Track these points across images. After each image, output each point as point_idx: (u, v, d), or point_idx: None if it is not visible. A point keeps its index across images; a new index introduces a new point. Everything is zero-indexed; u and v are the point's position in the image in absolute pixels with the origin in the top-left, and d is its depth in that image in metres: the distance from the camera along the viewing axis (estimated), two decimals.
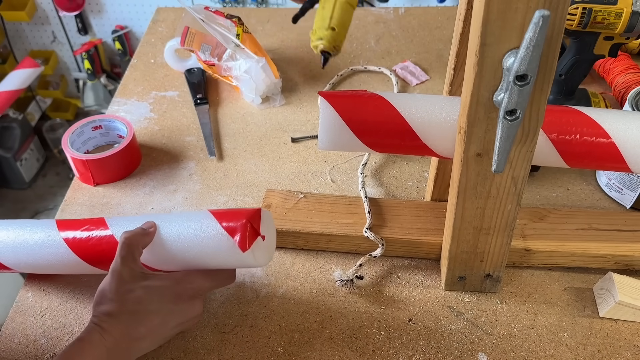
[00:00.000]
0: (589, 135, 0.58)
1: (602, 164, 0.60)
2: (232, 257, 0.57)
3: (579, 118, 0.59)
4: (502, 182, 0.56)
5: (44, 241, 0.63)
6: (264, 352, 0.63)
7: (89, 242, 0.62)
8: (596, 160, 0.60)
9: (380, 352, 0.63)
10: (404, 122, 0.58)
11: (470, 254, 0.63)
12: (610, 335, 0.64)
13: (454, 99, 0.60)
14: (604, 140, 0.58)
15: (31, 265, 0.65)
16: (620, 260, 0.68)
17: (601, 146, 0.58)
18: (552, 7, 0.43)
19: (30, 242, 0.63)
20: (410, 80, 1.01)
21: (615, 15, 0.73)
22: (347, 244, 0.71)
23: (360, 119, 0.59)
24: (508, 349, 0.63)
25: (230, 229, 0.56)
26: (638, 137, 0.58)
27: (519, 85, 0.45)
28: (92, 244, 0.62)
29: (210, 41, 0.96)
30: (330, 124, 0.59)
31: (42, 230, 0.64)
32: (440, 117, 0.58)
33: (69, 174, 2.22)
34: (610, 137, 0.58)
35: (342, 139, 0.60)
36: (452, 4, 1.86)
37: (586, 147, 0.58)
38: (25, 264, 0.65)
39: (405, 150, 0.62)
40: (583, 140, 0.58)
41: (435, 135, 0.59)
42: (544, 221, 0.71)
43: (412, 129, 0.59)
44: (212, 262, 0.58)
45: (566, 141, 0.58)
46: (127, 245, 0.57)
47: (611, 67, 0.95)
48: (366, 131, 0.60)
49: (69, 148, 0.81)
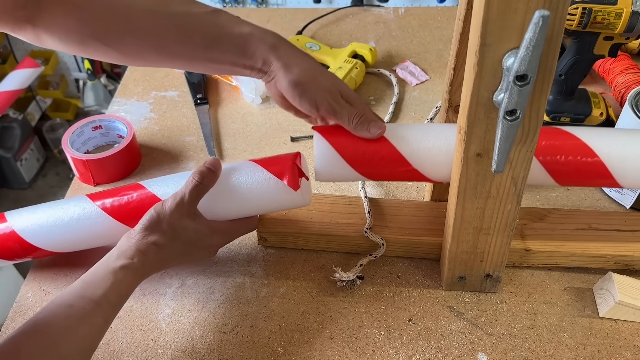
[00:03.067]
0: (576, 155, 0.60)
1: (592, 180, 0.62)
2: (283, 199, 0.62)
3: (566, 139, 0.61)
4: (502, 182, 0.56)
5: (80, 215, 0.64)
6: (264, 352, 0.63)
7: (129, 205, 0.63)
8: (586, 178, 0.62)
9: (380, 352, 0.63)
10: (394, 150, 0.61)
11: (470, 254, 0.63)
12: (610, 335, 0.64)
13: (442, 126, 0.62)
14: (591, 159, 0.60)
15: (69, 242, 0.66)
16: (620, 260, 0.68)
17: (589, 164, 0.60)
18: (552, 7, 0.43)
19: (65, 219, 0.64)
20: (410, 80, 1.01)
21: (615, 15, 0.73)
22: (347, 244, 0.71)
23: (353, 151, 0.61)
24: (508, 349, 0.63)
25: (278, 173, 0.61)
26: (624, 153, 0.59)
27: (519, 86, 0.45)
28: (132, 207, 0.63)
29: None
30: (325, 158, 0.61)
31: (75, 205, 0.65)
32: (429, 144, 0.60)
33: (69, 174, 2.22)
34: (597, 155, 0.60)
35: (338, 170, 0.62)
36: (452, 4, 1.86)
37: (575, 166, 0.60)
38: (62, 243, 0.66)
39: (399, 177, 0.64)
40: (571, 160, 0.60)
41: (426, 161, 0.61)
42: (544, 221, 0.71)
43: (403, 156, 0.61)
44: (266, 207, 0.64)
45: (555, 161, 0.60)
46: (199, 184, 0.59)
47: (611, 67, 0.95)
48: (360, 162, 0.62)
49: (69, 148, 0.81)
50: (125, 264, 0.55)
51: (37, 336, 0.48)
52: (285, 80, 0.59)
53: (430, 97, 0.98)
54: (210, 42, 0.59)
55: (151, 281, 0.70)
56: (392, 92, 0.98)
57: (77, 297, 0.52)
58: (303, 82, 0.59)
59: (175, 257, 0.60)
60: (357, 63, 0.98)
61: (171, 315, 0.66)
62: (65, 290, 0.53)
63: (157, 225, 0.58)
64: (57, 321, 0.49)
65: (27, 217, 0.66)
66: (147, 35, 0.58)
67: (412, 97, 0.98)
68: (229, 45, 0.59)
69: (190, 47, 0.59)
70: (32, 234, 0.65)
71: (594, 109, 0.85)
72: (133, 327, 0.65)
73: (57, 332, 0.49)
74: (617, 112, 0.87)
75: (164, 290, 0.69)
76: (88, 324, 0.51)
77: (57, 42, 0.57)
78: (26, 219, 0.66)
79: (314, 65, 0.61)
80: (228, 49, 0.59)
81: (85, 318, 0.50)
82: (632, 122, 0.73)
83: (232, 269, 0.71)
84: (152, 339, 0.64)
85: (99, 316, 0.52)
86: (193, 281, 0.70)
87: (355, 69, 0.97)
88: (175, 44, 0.59)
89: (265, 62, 0.60)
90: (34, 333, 0.48)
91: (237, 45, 0.59)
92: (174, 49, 0.59)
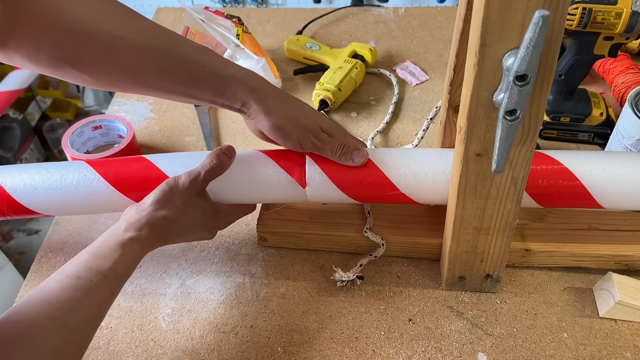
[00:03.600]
0: (558, 179, 0.62)
1: (574, 202, 0.64)
2: (289, 193, 0.65)
3: (547, 163, 0.63)
4: (502, 182, 0.56)
5: (78, 182, 0.64)
6: (264, 352, 0.63)
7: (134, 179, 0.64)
8: (568, 201, 0.64)
9: (380, 352, 0.63)
10: (382, 175, 0.63)
11: (470, 254, 0.63)
12: (610, 335, 0.64)
13: (428, 151, 0.65)
14: (573, 183, 0.62)
15: (64, 207, 0.66)
16: (620, 260, 0.68)
17: (570, 188, 0.62)
18: (551, 7, 0.43)
19: (63, 184, 0.64)
20: (410, 80, 1.01)
21: (615, 15, 0.73)
22: (347, 244, 0.71)
23: (343, 176, 0.64)
24: (508, 349, 0.63)
25: (288, 168, 0.64)
26: (604, 176, 0.62)
27: (519, 86, 0.45)
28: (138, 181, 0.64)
29: (210, 41, 0.96)
30: (317, 182, 0.64)
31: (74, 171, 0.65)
32: (415, 169, 0.63)
33: None
34: (578, 179, 0.62)
35: (329, 193, 0.65)
36: (452, 4, 1.86)
37: (557, 189, 0.63)
38: (56, 207, 0.66)
39: (387, 200, 0.66)
40: (553, 184, 0.62)
41: (413, 186, 0.63)
42: (544, 221, 0.71)
43: (391, 181, 0.63)
44: (271, 197, 0.67)
45: (537, 185, 0.62)
46: (216, 166, 0.61)
47: (611, 67, 0.95)
48: (350, 186, 0.64)
49: (69, 148, 0.81)
50: (134, 236, 0.56)
51: (43, 307, 0.48)
52: (266, 125, 0.61)
53: (430, 97, 0.98)
54: (190, 80, 0.59)
55: (151, 281, 0.70)
56: (392, 92, 0.98)
57: (84, 268, 0.52)
58: (284, 125, 0.61)
59: (180, 233, 0.61)
60: (357, 63, 0.98)
61: (171, 315, 0.66)
62: (71, 261, 0.53)
63: (169, 200, 0.59)
64: (64, 293, 0.49)
65: (19, 176, 0.65)
66: (126, 66, 0.56)
67: (412, 97, 0.98)
68: (209, 85, 0.59)
69: (170, 81, 0.59)
70: (24, 195, 0.65)
71: (594, 109, 0.85)
72: (133, 327, 0.65)
73: (64, 303, 0.49)
74: (617, 112, 0.87)
75: (164, 290, 0.69)
76: (95, 296, 0.51)
77: (28, 63, 0.54)
78: (18, 178, 0.65)
79: (293, 104, 0.63)
80: (208, 88, 0.60)
81: (92, 290, 0.51)
82: (632, 122, 0.73)
83: (232, 269, 0.71)
84: (152, 339, 0.64)
85: (106, 288, 0.52)
86: (193, 281, 0.70)
87: (355, 69, 0.97)
88: (154, 77, 0.58)
89: (244, 104, 0.61)
90: (40, 303, 0.48)
91: (217, 85, 0.60)
92: (152, 82, 0.58)
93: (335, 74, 0.94)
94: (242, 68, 0.61)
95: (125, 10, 0.57)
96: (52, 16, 0.52)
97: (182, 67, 0.58)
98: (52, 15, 0.51)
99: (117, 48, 0.55)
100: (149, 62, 0.57)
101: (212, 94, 0.60)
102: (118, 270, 0.53)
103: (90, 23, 0.53)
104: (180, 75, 0.58)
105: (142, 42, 0.56)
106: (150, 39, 0.57)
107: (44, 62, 0.54)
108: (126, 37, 0.55)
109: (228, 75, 0.60)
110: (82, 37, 0.53)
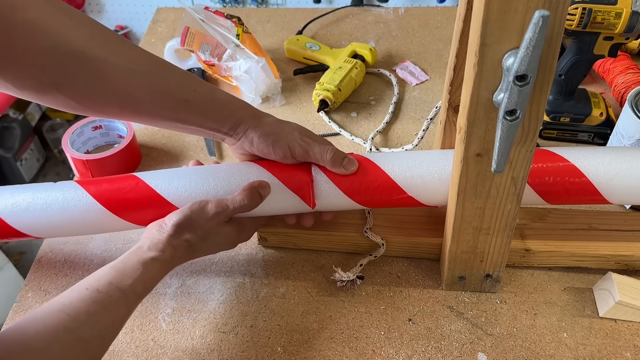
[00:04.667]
0: (564, 176, 0.62)
1: (581, 199, 0.64)
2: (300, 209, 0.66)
3: (554, 160, 0.63)
4: (501, 182, 0.56)
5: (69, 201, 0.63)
6: (264, 352, 0.63)
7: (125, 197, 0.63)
8: (575, 197, 0.64)
9: (380, 352, 0.63)
10: (389, 179, 0.63)
11: (470, 254, 0.63)
12: (610, 335, 0.64)
13: (433, 153, 0.65)
14: (579, 179, 0.62)
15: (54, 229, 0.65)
16: (620, 260, 0.68)
17: (577, 184, 0.62)
18: (551, 7, 0.43)
19: (53, 205, 0.63)
20: (410, 80, 1.01)
21: (615, 15, 0.73)
22: (347, 244, 0.72)
23: (350, 182, 0.64)
24: (508, 349, 0.63)
25: (299, 191, 0.64)
26: (610, 171, 0.62)
27: (519, 86, 0.45)
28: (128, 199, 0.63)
29: (210, 41, 0.96)
30: (324, 190, 0.64)
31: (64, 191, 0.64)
32: (422, 171, 0.63)
33: (69, 174, 2.22)
34: (585, 175, 0.62)
35: (337, 201, 0.65)
36: (452, 4, 1.86)
37: (563, 186, 0.63)
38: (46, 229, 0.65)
39: (395, 204, 0.66)
40: (559, 181, 0.62)
41: (420, 188, 0.63)
42: (544, 221, 0.71)
43: (398, 184, 0.63)
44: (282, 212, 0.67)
45: (544, 183, 0.62)
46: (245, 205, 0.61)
47: (611, 67, 0.95)
48: (357, 192, 0.64)
49: (69, 148, 0.81)
50: (156, 256, 0.56)
51: (61, 317, 0.48)
52: (256, 136, 0.62)
53: (430, 97, 0.98)
54: (180, 104, 0.59)
55: None
56: (392, 92, 0.98)
57: (105, 283, 0.52)
58: (273, 132, 0.63)
59: (202, 254, 0.63)
60: (357, 63, 0.98)
61: (171, 315, 0.67)
62: (94, 274, 0.54)
63: (190, 226, 0.60)
64: (82, 305, 0.50)
65: (8, 197, 0.64)
66: (116, 91, 0.56)
67: (412, 97, 0.98)
68: (199, 108, 0.60)
69: (159, 106, 0.59)
70: (13, 217, 0.64)
71: (593, 109, 0.85)
72: (133, 327, 0.65)
73: (81, 315, 0.49)
74: (617, 112, 0.87)
75: (164, 290, 0.69)
76: (112, 311, 0.51)
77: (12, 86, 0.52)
78: (6, 199, 0.64)
79: (278, 119, 0.65)
80: (197, 111, 0.60)
81: (110, 306, 0.51)
82: (632, 122, 0.73)
83: (232, 269, 0.71)
84: (152, 339, 0.64)
85: (123, 305, 0.53)
86: (193, 281, 0.70)
87: (355, 69, 0.97)
88: (143, 103, 0.58)
89: (233, 125, 0.62)
90: (58, 313, 0.49)
91: (207, 108, 0.61)
92: (141, 107, 0.58)
93: (335, 74, 0.94)
94: (227, 93, 0.63)
95: (117, 37, 0.56)
96: (42, 40, 0.50)
97: (172, 92, 0.58)
98: (42, 39, 0.50)
99: (107, 73, 0.54)
100: (139, 88, 0.56)
101: (201, 117, 0.61)
102: (137, 289, 0.54)
103: (81, 47, 0.52)
104: (170, 100, 0.58)
105: (132, 68, 0.56)
106: (141, 64, 0.57)
107: (29, 86, 0.53)
108: (116, 63, 0.55)
109: (218, 99, 0.61)
110: (72, 60, 0.52)
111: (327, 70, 0.97)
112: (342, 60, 0.98)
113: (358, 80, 0.97)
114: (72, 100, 0.55)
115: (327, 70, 0.97)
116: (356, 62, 0.98)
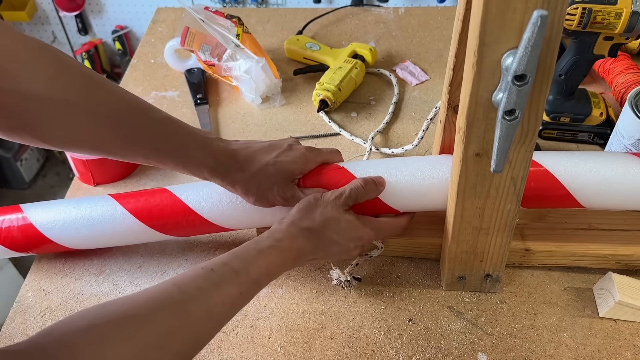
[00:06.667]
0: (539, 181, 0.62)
1: (556, 203, 0.66)
2: None
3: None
4: (501, 182, 0.56)
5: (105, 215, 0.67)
6: (264, 352, 0.63)
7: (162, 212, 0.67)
8: (550, 202, 0.65)
9: (380, 351, 0.63)
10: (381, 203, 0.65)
11: (470, 254, 0.63)
12: (610, 335, 0.64)
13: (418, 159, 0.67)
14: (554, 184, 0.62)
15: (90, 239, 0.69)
16: (620, 260, 0.68)
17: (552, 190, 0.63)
18: (550, 7, 0.43)
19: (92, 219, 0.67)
20: (410, 80, 1.01)
21: (615, 15, 0.73)
22: None
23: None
24: (508, 349, 0.63)
25: None
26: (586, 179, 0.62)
27: (518, 85, 0.45)
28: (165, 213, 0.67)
29: (210, 41, 0.96)
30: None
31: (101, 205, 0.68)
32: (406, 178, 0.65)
33: (69, 174, 2.22)
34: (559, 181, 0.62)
35: None
36: (452, 4, 1.86)
37: (539, 192, 0.63)
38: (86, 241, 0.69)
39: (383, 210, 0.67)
40: (533, 186, 0.62)
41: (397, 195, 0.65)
42: (544, 221, 0.71)
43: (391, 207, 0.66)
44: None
45: None
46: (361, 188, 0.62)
47: (611, 67, 0.95)
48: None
49: None
50: (273, 244, 0.57)
51: (171, 290, 0.48)
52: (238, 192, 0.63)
53: (430, 97, 0.98)
54: (150, 152, 0.58)
55: (151, 281, 0.70)
56: (392, 92, 0.98)
57: (220, 263, 0.52)
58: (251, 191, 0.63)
59: (324, 246, 0.61)
60: (357, 63, 0.98)
61: None
62: (215, 257, 0.54)
63: (311, 212, 0.60)
64: (194, 281, 0.50)
65: (47, 211, 0.68)
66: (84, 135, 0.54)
67: (412, 97, 0.98)
68: (169, 160, 0.59)
69: (129, 151, 0.57)
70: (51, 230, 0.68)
71: (593, 109, 0.85)
72: None
73: (191, 290, 0.49)
74: (617, 112, 0.87)
75: None
76: (223, 290, 0.51)
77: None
78: (46, 213, 0.68)
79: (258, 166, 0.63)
80: (168, 162, 0.59)
81: (221, 284, 0.51)
82: (632, 122, 0.73)
83: None
84: None
85: (235, 286, 0.52)
86: None
87: (355, 69, 0.97)
88: (114, 146, 0.56)
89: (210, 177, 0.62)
90: (170, 287, 0.49)
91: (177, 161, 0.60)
92: (112, 149, 0.57)
93: (335, 74, 0.94)
94: (206, 138, 0.61)
95: (87, 77, 0.53)
96: (3, 82, 0.48)
97: (142, 140, 0.57)
98: (3, 81, 0.48)
99: (73, 117, 0.52)
100: (108, 133, 0.55)
101: (173, 167, 0.60)
102: (251, 273, 0.53)
103: (45, 90, 0.50)
104: (140, 148, 0.57)
105: (101, 112, 0.53)
106: (111, 108, 0.54)
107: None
108: (83, 106, 0.52)
109: (188, 153, 0.60)
110: (36, 104, 0.50)
111: (327, 70, 0.97)
112: (342, 60, 0.98)
113: (358, 80, 0.97)
114: (42, 142, 0.53)
115: (327, 70, 0.97)
116: (356, 62, 0.98)
